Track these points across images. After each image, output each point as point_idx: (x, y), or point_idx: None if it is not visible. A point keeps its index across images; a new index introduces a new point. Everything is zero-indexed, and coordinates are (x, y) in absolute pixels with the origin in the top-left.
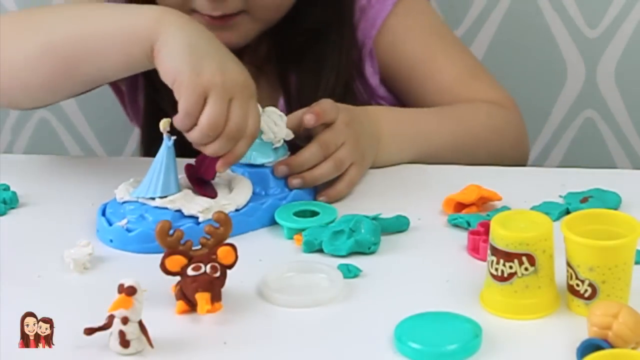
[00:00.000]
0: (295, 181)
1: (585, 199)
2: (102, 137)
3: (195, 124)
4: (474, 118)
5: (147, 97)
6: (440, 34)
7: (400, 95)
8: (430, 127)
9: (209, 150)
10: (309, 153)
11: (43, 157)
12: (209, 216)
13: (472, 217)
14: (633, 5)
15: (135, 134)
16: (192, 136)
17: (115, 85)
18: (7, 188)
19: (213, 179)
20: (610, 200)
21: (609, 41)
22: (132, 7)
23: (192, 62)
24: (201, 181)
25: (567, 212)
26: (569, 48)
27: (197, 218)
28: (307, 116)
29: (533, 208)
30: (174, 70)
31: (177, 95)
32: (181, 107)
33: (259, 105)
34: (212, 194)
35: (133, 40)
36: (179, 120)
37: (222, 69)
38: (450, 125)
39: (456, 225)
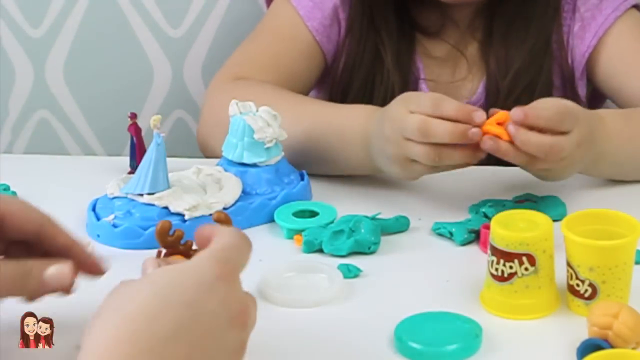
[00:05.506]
0: (489, 142)
1: None
2: (102, 137)
3: None
4: None
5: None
6: None
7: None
8: None
9: None
10: (536, 140)
11: (43, 157)
12: (196, 214)
13: (457, 226)
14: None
15: None
16: None
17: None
18: (7, 188)
19: None
20: None
21: None
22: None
23: None
24: None
25: None
26: None
27: (183, 215)
28: (517, 111)
29: None
30: None
31: None
32: None
33: (252, 104)
34: None
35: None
36: None
37: None
38: None
39: (440, 235)
